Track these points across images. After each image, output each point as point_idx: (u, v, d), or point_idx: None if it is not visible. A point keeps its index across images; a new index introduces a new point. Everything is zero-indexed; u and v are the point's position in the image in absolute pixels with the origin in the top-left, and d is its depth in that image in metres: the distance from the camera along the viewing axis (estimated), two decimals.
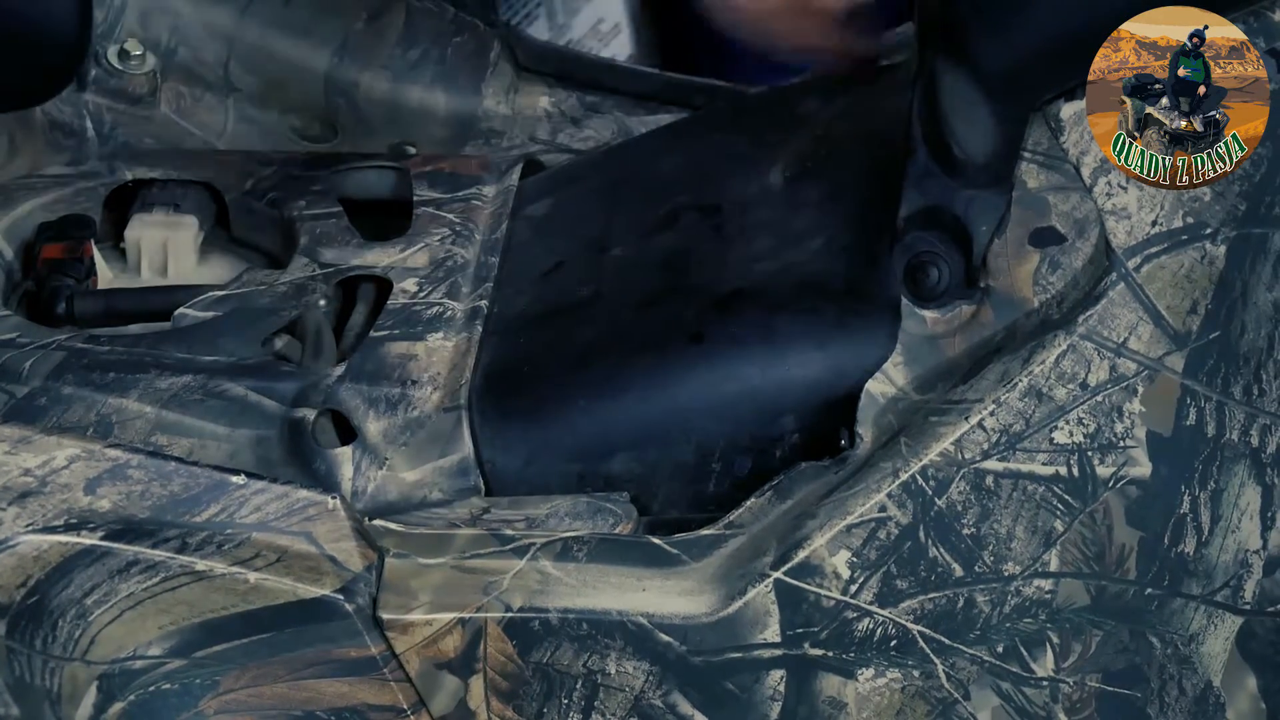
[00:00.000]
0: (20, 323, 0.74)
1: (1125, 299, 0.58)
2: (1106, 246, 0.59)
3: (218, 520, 0.59)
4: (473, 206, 0.82)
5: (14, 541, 0.58)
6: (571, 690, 0.61)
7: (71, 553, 0.59)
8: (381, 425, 0.69)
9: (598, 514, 0.65)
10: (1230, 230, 0.58)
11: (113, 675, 0.60)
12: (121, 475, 0.59)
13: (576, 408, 0.68)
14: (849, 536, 0.60)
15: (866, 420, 0.63)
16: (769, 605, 0.60)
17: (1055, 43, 0.57)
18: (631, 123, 0.93)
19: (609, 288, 0.73)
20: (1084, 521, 0.60)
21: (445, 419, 0.69)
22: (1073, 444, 0.59)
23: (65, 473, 0.59)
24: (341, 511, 0.60)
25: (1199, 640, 0.61)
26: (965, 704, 0.61)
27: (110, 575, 0.59)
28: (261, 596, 0.59)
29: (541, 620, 0.60)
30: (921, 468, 0.59)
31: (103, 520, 0.59)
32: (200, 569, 0.59)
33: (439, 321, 0.73)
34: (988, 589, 0.60)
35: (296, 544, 0.59)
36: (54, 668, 0.60)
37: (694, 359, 0.67)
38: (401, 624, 0.60)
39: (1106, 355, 0.59)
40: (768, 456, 0.66)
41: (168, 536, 0.59)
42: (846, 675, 0.61)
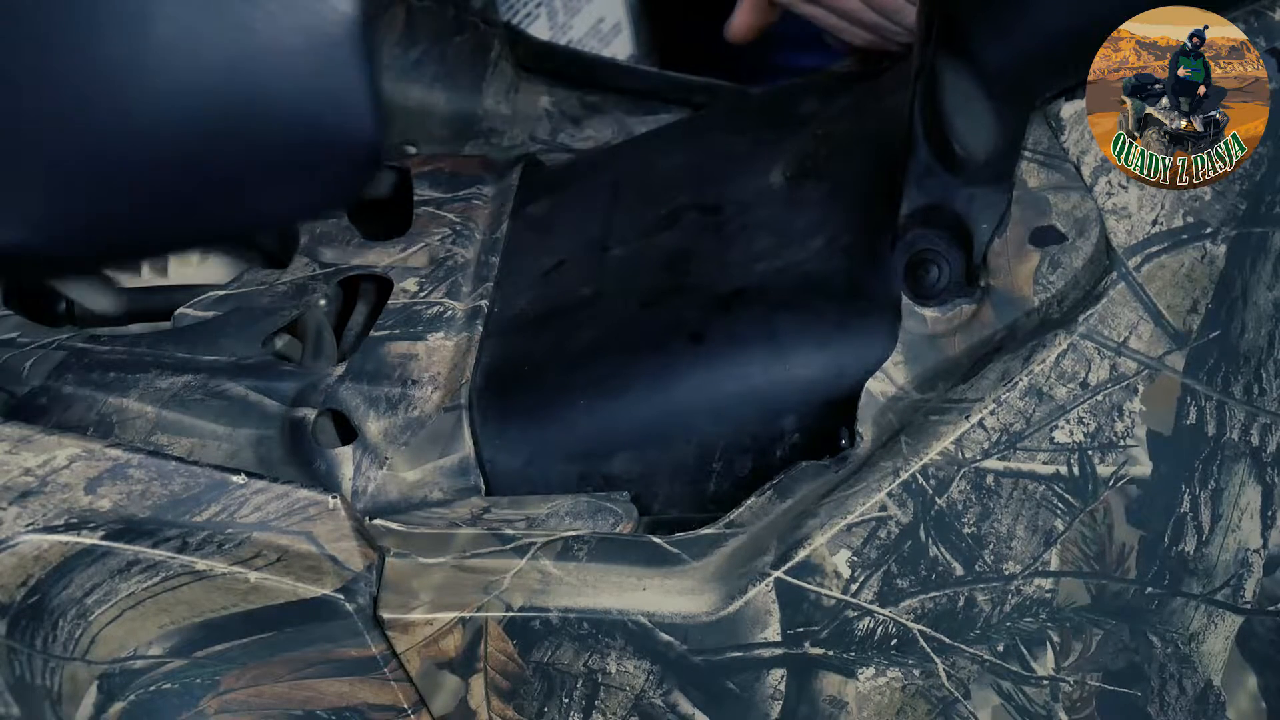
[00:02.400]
0: (20, 322, 0.74)
1: (1126, 298, 0.58)
2: (1107, 246, 0.59)
3: (218, 520, 0.59)
4: (473, 206, 0.82)
5: (14, 541, 0.58)
6: (572, 689, 0.61)
7: (72, 552, 0.59)
8: (382, 425, 0.69)
9: (598, 513, 0.65)
10: (1231, 229, 0.58)
11: (113, 675, 0.60)
12: (122, 475, 0.59)
13: (577, 407, 0.68)
14: (849, 535, 0.60)
15: (867, 419, 0.63)
16: (769, 604, 0.60)
17: (1057, 40, 0.57)
18: (632, 122, 0.93)
19: (609, 287, 0.73)
20: (1084, 520, 0.60)
21: (446, 418, 0.69)
22: (1073, 443, 0.59)
23: (66, 472, 0.59)
24: (342, 511, 0.60)
25: (1199, 639, 0.61)
26: (966, 703, 0.61)
27: (111, 575, 0.59)
28: (262, 596, 0.59)
29: (542, 619, 0.60)
30: (922, 467, 0.59)
31: (103, 520, 0.59)
32: (201, 568, 0.59)
33: (439, 321, 0.73)
34: (988, 588, 0.60)
35: (297, 543, 0.59)
36: (54, 667, 0.60)
37: (694, 358, 0.67)
38: (402, 623, 0.60)
39: (1107, 354, 0.59)
40: (768, 456, 0.66)
41: (168, 536, 0.59)
42: (847, 674, 0.61)
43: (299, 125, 0.60)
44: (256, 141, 0.60)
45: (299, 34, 0.59)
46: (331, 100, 0.60)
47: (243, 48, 0.59)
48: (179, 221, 0.63)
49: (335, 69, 0.60)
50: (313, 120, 0.60)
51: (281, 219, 0.68)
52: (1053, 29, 0.57)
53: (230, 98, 0.59)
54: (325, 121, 0.60)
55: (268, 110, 0.60)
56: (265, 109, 0.60)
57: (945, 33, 0.61)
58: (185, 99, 0.59)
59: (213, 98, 0.59)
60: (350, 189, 0.65)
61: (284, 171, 0.62)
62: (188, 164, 0.60)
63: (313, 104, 0.60)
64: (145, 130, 0.59)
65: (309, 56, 0.59)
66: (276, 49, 0.59)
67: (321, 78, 0.60)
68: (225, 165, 0.61)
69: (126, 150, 0.59)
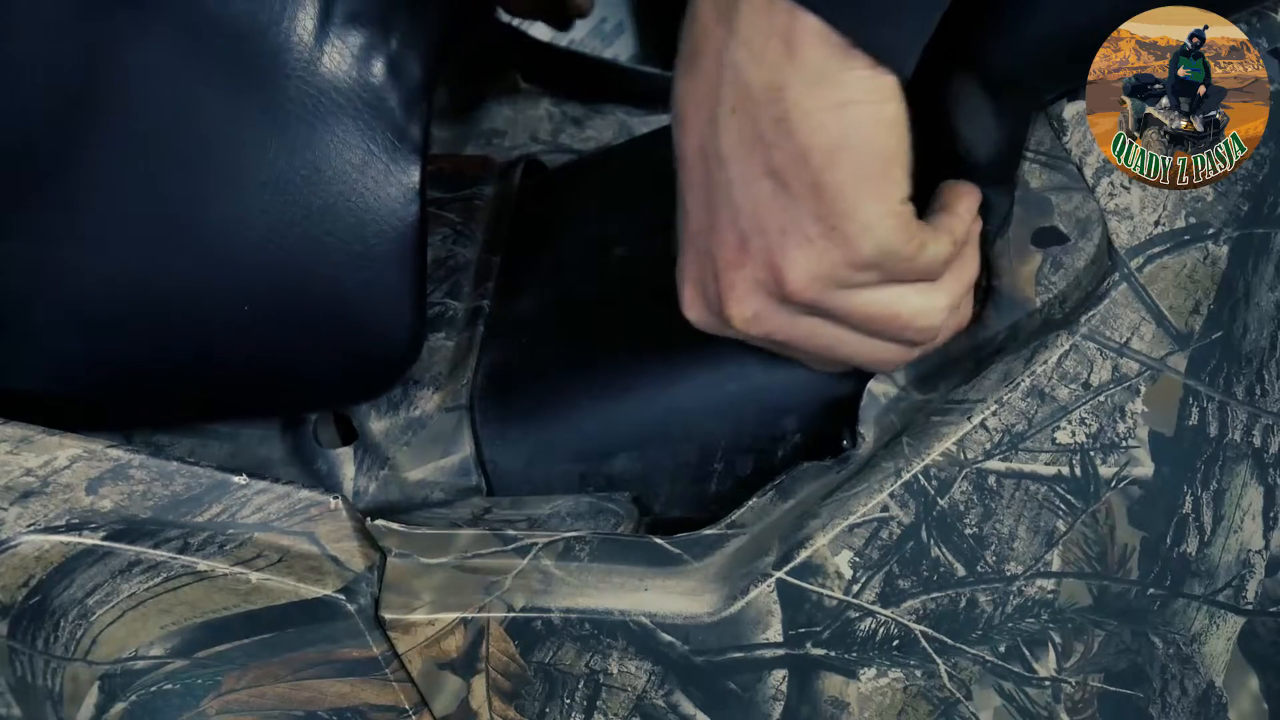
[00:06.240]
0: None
1: (1128, 299, 0.58)
2: (1109, 246, 0.59)
3: (219, 520, 0.59)
4: (474, 206, 0.82)
5: (16, 541, 0.59)
6: (574, 690, 0.61)
7: (73, 553, 0.59)
8: (383, 425, 0.69)
9: (600, 514, 0.65)
10: (1233, 230, 0.58)
11: (114, 675, 0.60)
12: (123, 475, 0.59)
13: (578, 407, 0.68)
14: (851, 536, 0.60)
15: (869, 420, 0.63)
16: (771, 605, 0.60)
17: (1060, 41, 0.57)
18: (633, 123, 0.93)
19: (611, 288, 0.73)
20: (1086, 521, 0.60)
21: (447, 419, 0.69)
22: (1075, 444, 0.59)
23: (67, 472, 0.59)
24: (343, 511, 0.60)
25: (1201, 640, 0.61)
26: (967, 704, 0.61)
27: (112, 575, 0.59)
28: (263, 596, 0.59)
29: (543, 620, 0.60)
30: (924, 467, 0.59)
31: (104, 520, 0.59)
32: (202, 569, 0.59)
33: (441, 321, 0.73)
34: (990, 589, 0.60)
35: (298, 544, 0.59)
36: (56, 668, 0.60)
37: (696, 359, 0.67)
38: (403, 624, 0.60)
39: (1109, 355, 0.59)
40: (770, 456, 0.66)
41: (169, 536, 0.59)
42: (849, 675, 0.61)
43: (343, 322, 0.61)
44: (297, 330, 0.61)
45: (364, 239, 0.60)
46: (378, 302, 0.61)
47: (311, 241, 0.59)
48: (201, 399, 0.64)
49: (388, 273, 0.60)
50: (357, 317, 0.61)
51: (310, 407, 0.69)
52: (1056, 31, 0.57)
53: (282, 283, 0.60)
54: (369, 322, 0.61)
55: (315, 302, 0.60)
56: (313, 301, 0.60)
57: (947, 33, 0.61)
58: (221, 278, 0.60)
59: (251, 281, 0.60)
60: (382, 386, 0.66)
61: (319, 364, 0.62)
62: (217, 345, 0.61)
63: (359, 304, 0.61)
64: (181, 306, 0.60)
65: (365, 261, 0.60)
66: (338, 249, 0.60)
67: (372, 283, 0.60)
68: (259, 350, 0.62)
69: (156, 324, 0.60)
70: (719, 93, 0.53)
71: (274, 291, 0.59)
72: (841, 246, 0.54)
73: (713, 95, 0.53)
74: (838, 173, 0.52)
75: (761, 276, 0.55)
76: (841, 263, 0.54)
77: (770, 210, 0.54)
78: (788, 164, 0.52)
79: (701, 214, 0.56)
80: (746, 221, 0.54)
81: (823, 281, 0.55)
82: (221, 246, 0.58)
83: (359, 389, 0.66)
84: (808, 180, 0.53)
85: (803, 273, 0.54)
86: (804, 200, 0.53)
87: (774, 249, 0.54)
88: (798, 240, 0.54)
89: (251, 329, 0.60)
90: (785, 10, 0.51)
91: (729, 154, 0.54)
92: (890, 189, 0.53)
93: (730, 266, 0.56)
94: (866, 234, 0.53)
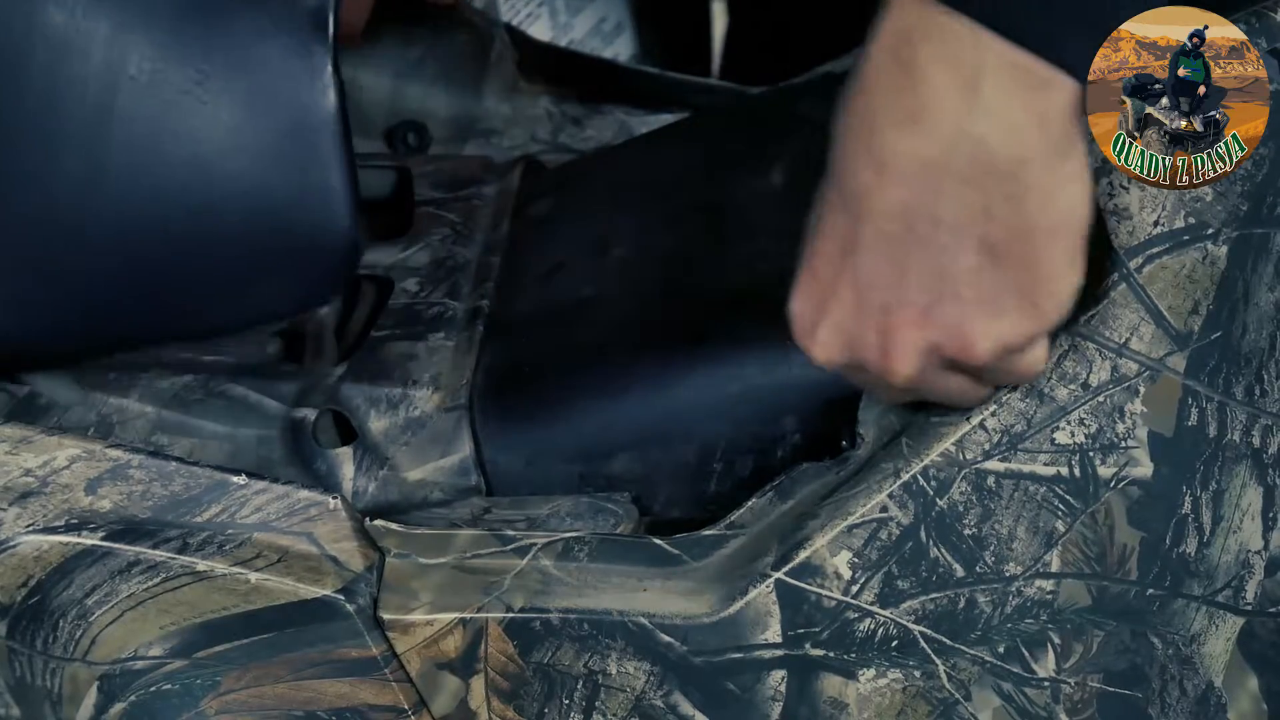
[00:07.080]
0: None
1: (1127, 299, 0.58)
2: (1108, 246, 0.59)
3: (219, 520, 0.59)
4: (473, 206, 0.82)
5: (15, 542, 0.59)
6: (572, 690, 0.61)
7: (72, 553, 0.59)
8: (382, 425, 0.69)
9: (599, 514, 0.65)
10: (1232, 230, 0.58)
11: (114, 676, 0.60)
12: (122, 475, 0.59)
13: (578, 408, 0.68)
14: (850, 537, 0.60)
15: (868, 420, 0.63)
16: (770, 605, 0.60)
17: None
18: (632, 123, 0.93)
19: (610, 288, 0.73)
20: (1085, 522, 0.60)
21: (446, 419, 0.69)
22: (1074, 444, 0.59)
23: (66, 473, 0.59)
24: (342, 512, 0.60)
25: (1200, 641, 0.61)
26: (966, 704, 0.61)
27: (111, 575, 0.59)
28: (262, 597, 0.59)
29: (542, 620, 0.60)
30: (923, 468, 0.59)
31: (104, 520, 0.59)
32: (201, 569, 0.59)
33: (440, 321, 0.73)
34: (989, 589, 0.60)
35: (298, 544, 0.59)
36: (55, 668, 0.60)
37: (695, 359, 0.67)
38: (402, 624, 0.60)
39: (1108, 355, 0.59)
40: (769, 456, 0.66)
41: (169, 537, 0.59)
42: (848, 676, 0.61)
43: (274, 225, 0.60)
44: (228, 242, 0.60)
45: (276, 134, 0.59)
46: (307, 199, 0.60)
47: (214, 147, 0.59)
48: (151, 321, 0.63)
49: (312, 168, 0.59)
50: (287, 219, 0.60)
51: (260, 318, 0.68)
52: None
53: (195, 199, 0.59)
54: (300, 220, 0.60)
55: (240, 210, 0.60)
56: (237, 209, 0.60)
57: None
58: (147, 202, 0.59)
59: (176, 200, 0.59)
60: (329, 286, 0.65)
61: (259, 271, 0.62)
62: (153, 266, 0.60)
63: (288, 203, 0.60)
64: (109, 235, 0.59)
65: (286, 157, 0.59)
66: (251, 148, 0.59)
67: (298, 175, 0.59)
68: (195, 266, 0.61)
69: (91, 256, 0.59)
70: (951, 162, 0.51)
71: (206, 203, 0.58)
72: (1036, 320, 0.54)
73: (943, 162, 0.51)
74: (1053, 251, 0.52)
75: (940, 340, 0.54)
76: (1029, 334, 0.54)
77: (972, 281, 0.53)
78: (1008, 239, 0.52)
79: (885, 267, 0.54)
80: (944, 287, 0.53)
81: (1005, 350, 0.54)
82: (145, 166, 0.58)
83: (313, 291, 0.65)
84: (1023, 257, 0.52)
85: (992, 343, 0.54)
86: (1012, 274, 0.53)
87: (966, 319, 0.53)
88: (992, 311, 0.53)
89: (190, 244, 0.59)
90: (1040, 83, 0.50)
91: (948, 221, 0.52)
92: (1081, 261, 0.54)
93: (909, 326, 0.54)
94: (1061, 307, 0.54)
